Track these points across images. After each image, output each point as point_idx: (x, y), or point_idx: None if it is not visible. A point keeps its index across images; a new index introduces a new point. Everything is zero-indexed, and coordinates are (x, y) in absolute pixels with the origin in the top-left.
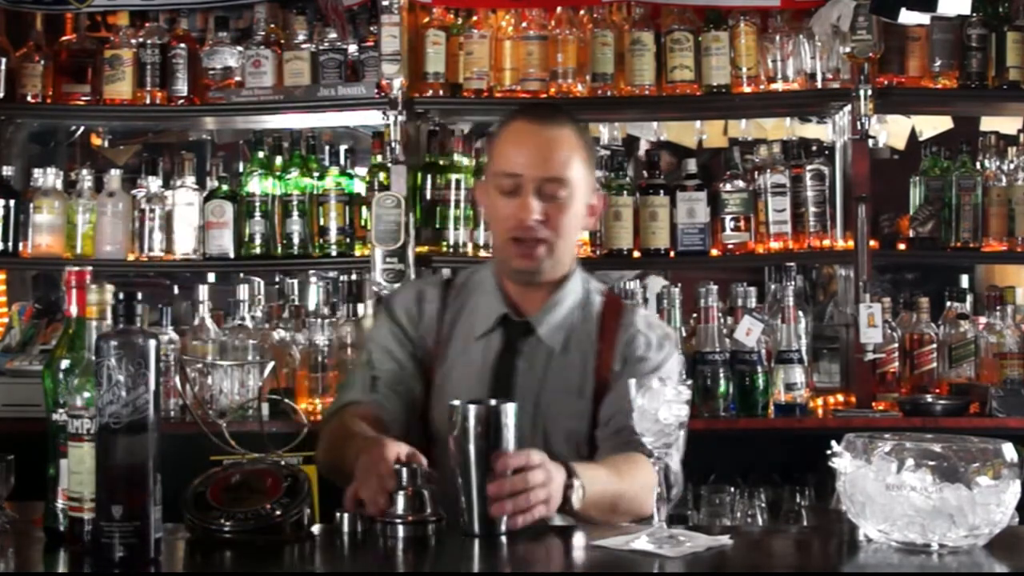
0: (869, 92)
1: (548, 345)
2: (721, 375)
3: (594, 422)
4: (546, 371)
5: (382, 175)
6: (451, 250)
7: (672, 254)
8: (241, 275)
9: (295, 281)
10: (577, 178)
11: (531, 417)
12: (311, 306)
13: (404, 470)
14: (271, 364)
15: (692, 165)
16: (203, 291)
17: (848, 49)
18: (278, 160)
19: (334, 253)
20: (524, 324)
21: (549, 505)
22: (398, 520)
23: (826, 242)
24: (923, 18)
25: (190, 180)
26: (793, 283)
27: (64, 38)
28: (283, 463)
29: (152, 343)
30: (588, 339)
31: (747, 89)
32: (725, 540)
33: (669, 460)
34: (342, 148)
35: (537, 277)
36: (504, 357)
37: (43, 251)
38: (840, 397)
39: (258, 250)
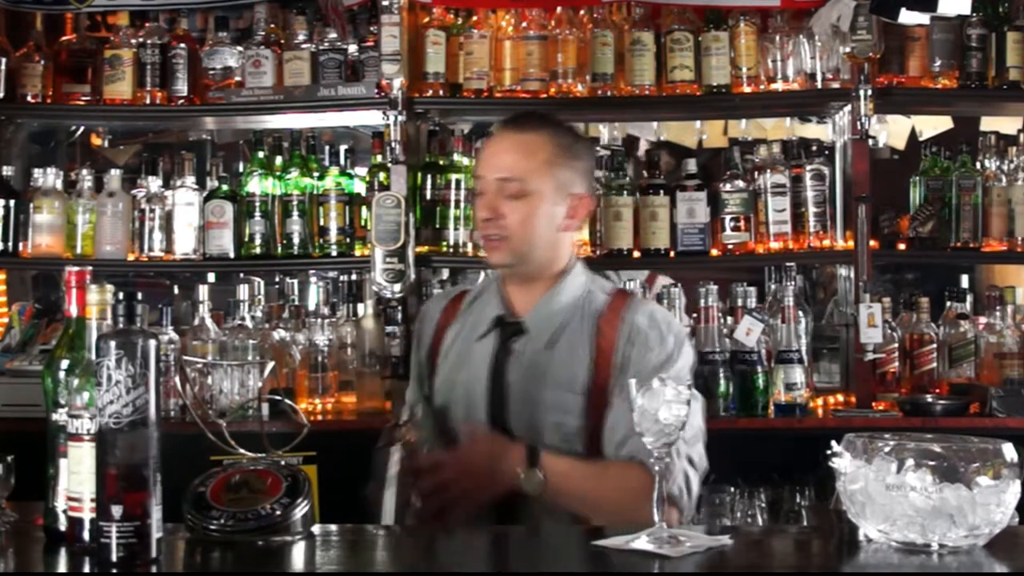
0: (869, 92)
1: (538, 341)
2: (721, 375)
3: (589, 418)
4: (536, 366)
5: (382, 175)
6: (451, 250)
7: (672, 254)
8: (241, 275)
9: (295, 281)
10: (541, 179)
11: (521, 413)
12: (311, 306)
13: None
14: (271, 364)
15: (692, 165)
16: (203, 291)
17: (848, 49)
18: (278, 160)
19: (334, 253)
20: (517, 324)
21: (476, 496)
22: None
23: (826, 242)
24: (923, 18)
25: (190, 180)
26: (793, 283)
27: (64, 38)
28: (283, 463)
29: (152, 343)
30: (584, 334)
31: (747, 89)
32: (725, 540)
33: (675, 469)
34: (342, 148)
35: (513, 270)
36: (498, 358)
37: (43, 251)
38: (840, 397)
39: (258, 250)
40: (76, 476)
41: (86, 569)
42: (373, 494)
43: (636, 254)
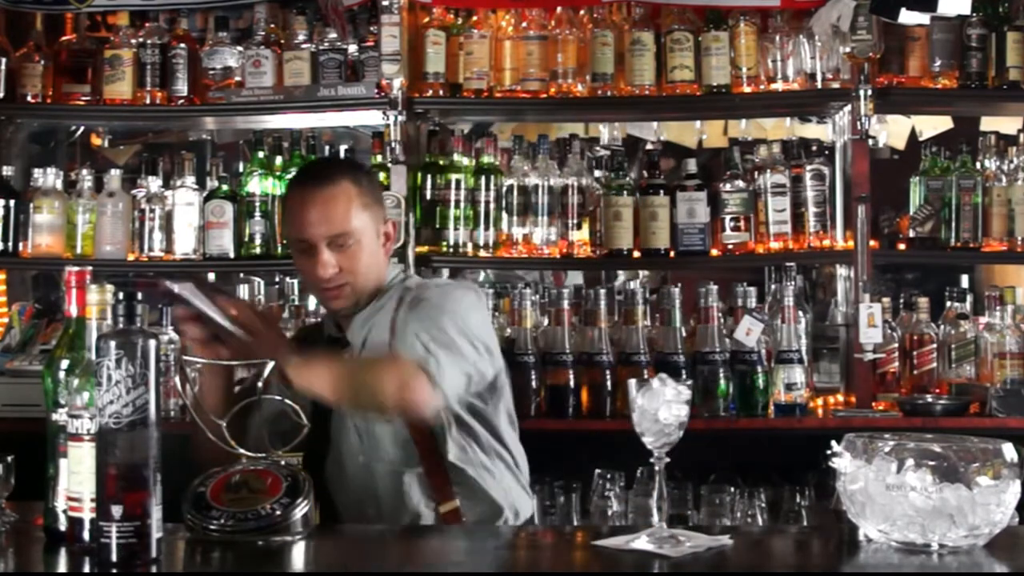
0: (869, 92)
1: (356, 345)
2: (721, 375)
3: None
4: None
5: (382, 175)
6: (451, 250)
7: (672, 254)
8: (241, 275)
9: (295, 281)
10: (359, 223)
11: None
12: (311, 306)
13: None
14: (271, 364)
15: (692, 165)
16: None
17: (848, 49)
18: (278, 160)
19: None
20: (341, 338)
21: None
22: None
23: (826, 242)
24: (923, 18)
25: (190, 180)
26: (793, 283)
27: (64, 38)
28: (283, 463)
29: (152, 343)
30: (385, 321)
31: (747, 89)
32: (725, 540)
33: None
34: (342, 148)
35: (350, 310)
36: None
37: (43, 251)
38: (840, 397)
39: (258, 250)
40: (76, 476)
41: (86, 569)
42: None
43: (636, 254)
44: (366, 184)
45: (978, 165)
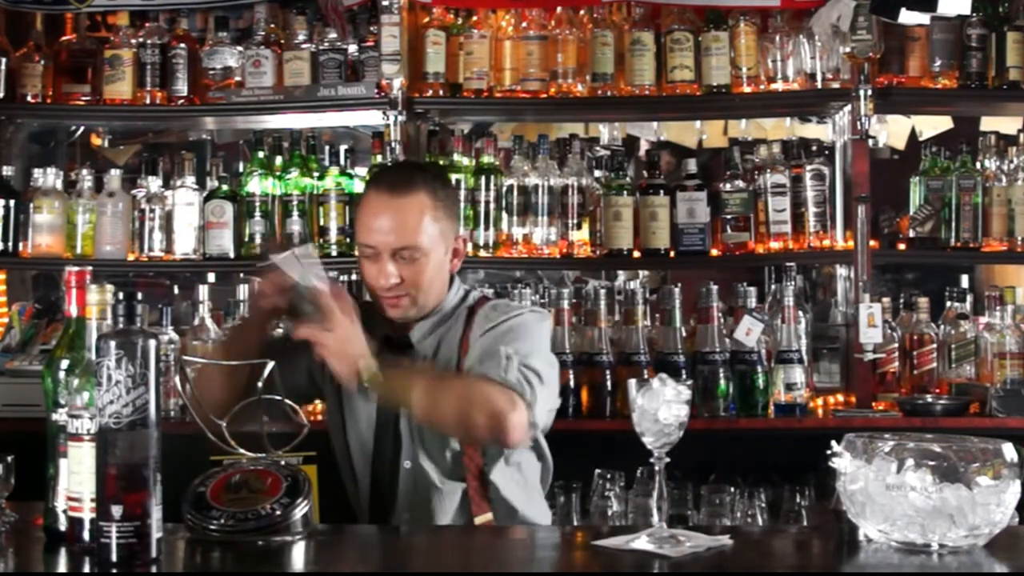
0: (869, 92)
1: (422, 352)
2: (721, 375)
3: None
4: None
5: None
6: None
7: (672, 254)
8: (241, 275)
9: None
10: (429, 238)
11: (410, 421)
12: None
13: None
14: (271, 364)
15: (692, 165)
16: (203, 291)
17: (848, 49)
18: (278, 160)
19: (334, 253)
20: (402, 339)
21: (328, 351)
22: None
23: (826, 242)
24: (923, 18)
25: (190, 180)
26: (793, 283)
27: (64, 38)
28: (283, 463)
29: (152, 343)
30: (455, 337)
31: (747, 89)
32: (725, 540)
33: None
34: (342, 148)
35: (407, 319)
36: None
37: (43, 251)
38: (840, 397)
39: (258, 250)
40: (76, 476)
41: (86, 569)
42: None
43: (636, 254)
44: (442, 197)
45: (978, 165)
